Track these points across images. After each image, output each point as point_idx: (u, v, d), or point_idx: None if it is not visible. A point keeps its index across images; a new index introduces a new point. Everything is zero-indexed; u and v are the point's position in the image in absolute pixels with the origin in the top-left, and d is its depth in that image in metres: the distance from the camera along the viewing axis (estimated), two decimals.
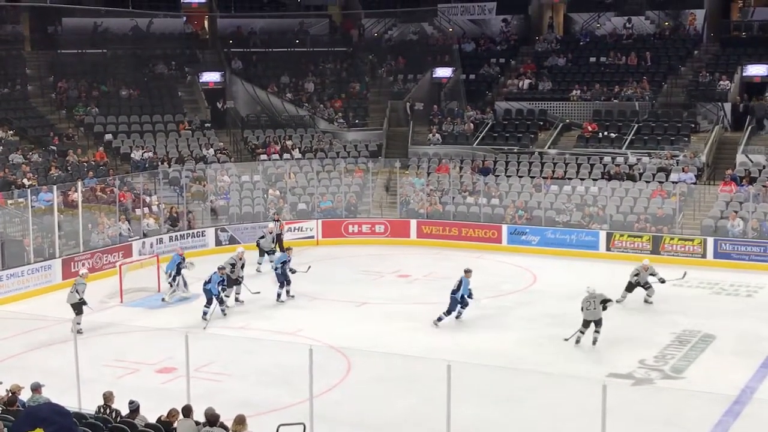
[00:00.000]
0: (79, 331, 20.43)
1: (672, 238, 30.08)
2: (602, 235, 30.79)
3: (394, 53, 44.47)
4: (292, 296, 25.07)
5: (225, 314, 23.28)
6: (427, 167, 36.55)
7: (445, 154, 37.37)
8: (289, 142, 38.34)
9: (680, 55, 40.15)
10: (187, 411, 13.91)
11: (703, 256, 29.41)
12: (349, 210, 34.59)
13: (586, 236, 30.99)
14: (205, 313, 22.90)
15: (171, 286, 25.35)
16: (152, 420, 14.06)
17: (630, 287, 24.31)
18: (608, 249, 30.57)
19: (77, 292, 21.65)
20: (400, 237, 33.19)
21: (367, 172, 36.17)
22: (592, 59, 41.17)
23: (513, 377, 17.16)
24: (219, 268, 23.52)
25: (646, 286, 24.52)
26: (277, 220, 31.05)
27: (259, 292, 24.90)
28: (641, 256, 29.58)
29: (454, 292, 22.56)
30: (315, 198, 34.69)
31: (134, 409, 14.60)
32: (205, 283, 23.24)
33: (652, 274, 24.47)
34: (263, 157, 37.11)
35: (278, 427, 11.85)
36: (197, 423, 13.37)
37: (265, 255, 28.70)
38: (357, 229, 33.64)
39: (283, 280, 24.85)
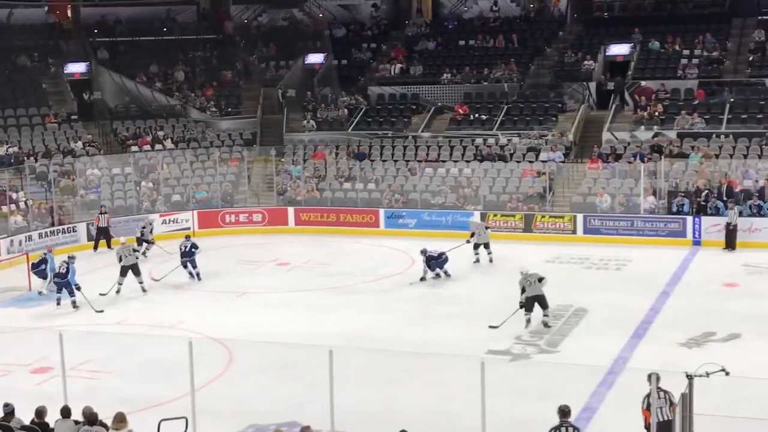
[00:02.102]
0: None
1: (543, 216, 30.73)
2: (477, 215, 31.23)
3: (265, 40, 44.19)
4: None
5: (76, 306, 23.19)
6: (303, 154, 36.52)
7: (321, 141, 37.38)
8: (160, 133, 37.81)
9: (545, 36, 40.97)
10: (65, 411, 13.66)
11: (574, 232, 30.14)
12: (225, 200, 34.36)
13: (461, 217, 31.39)
14: (73, 303, 23.00)
15: (44, 278, 24.81)
16: (28, 422, 13.78)
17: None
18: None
19: None
20: (278, 225, 33.09)
21: (243, 161, 36.00)
22: (461, 42, 41.66)
23: (394, 359, 17.29)
24: (69, 257, 23.70)
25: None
26: (104, 213, 30.96)
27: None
28: (515, 235, 30.29)
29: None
30: (189, 189, 34.31)
31: (9, 411, 14.26)
32: (62, 276, 23.11)
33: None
34: (134, 148, 36.52)
35: (159, 422, 11.72)
36: (76, 422, 13.15)
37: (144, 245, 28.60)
38: (234, 219, 33.42)
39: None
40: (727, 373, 12.55)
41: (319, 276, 25.83)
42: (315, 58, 42.49)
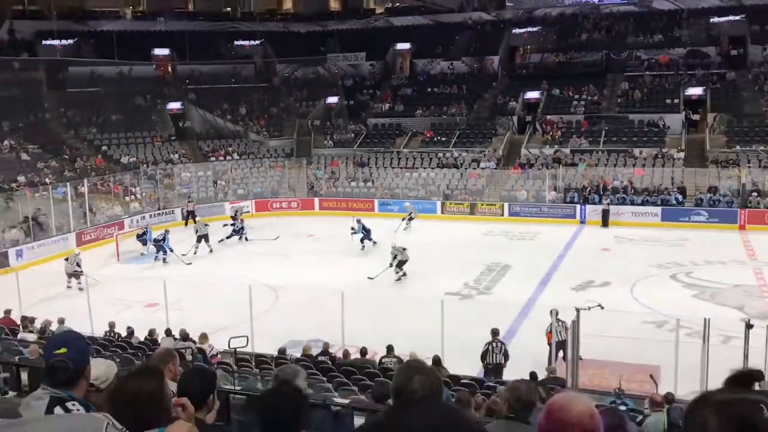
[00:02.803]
0: (80, 288, 19.69)
1: (482, 204, 30.79)
2: (438, 203, 31.31)
3: (299, 87, 44.06)
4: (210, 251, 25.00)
5: (166, 262, 23.41)
6: (324, 163, 36.44)
7: (336, 154, 37.26)
8: (229, 148, 37.68)
9: (484, 86, 40.84)
10: (168, 332, 13.74)
11: (502, 214, 30.21)
12: (273, 193, 34.30)
13: (428, 205, 31.46)
14: (164, 261, 23.33)
15: (146, 245, 24.84)
16: (143, 339, 13.83)
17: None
18: (442, 212, 31.14)
19: (73, 264, 20.69)
20: (308, 210, 33.07)
21: (284, 168, 35.95)
22: (429, 89, 41.52)
23: (384, 299, 17.37)
24: (166, 231, 24.14)
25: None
26: (191, 201, 30.92)
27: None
28: (464, 216, 30.29)
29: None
30: (249, 185, 34.29)
31: (130, 332, 14.33)
32: (156, 241, 23.50)
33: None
34: (212, 159, 36.42)
35: (229, 339, 11.77)
36: (175, 339, 13.21)
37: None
38: (279, 206, 33.41)
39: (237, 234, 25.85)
40: (602, 308, 12.61)
41: (336, 243, 25.88)
42: (332, 99, 42.31)
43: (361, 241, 24.84)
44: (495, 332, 13.00)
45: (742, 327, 10.79)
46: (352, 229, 25.23)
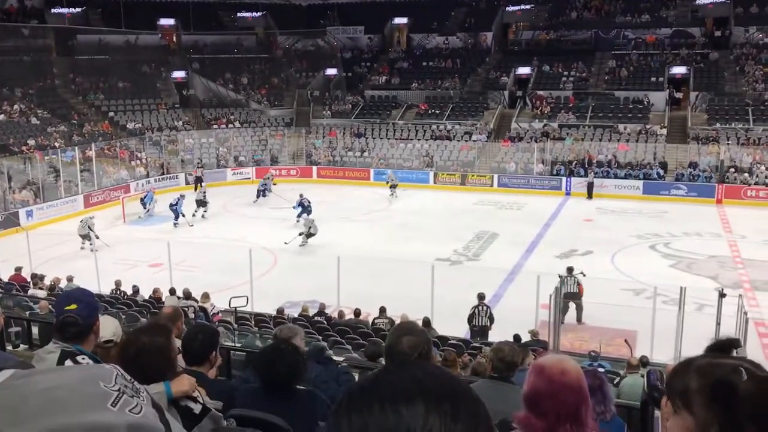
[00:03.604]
0: (92, 250, 19.68)
1: (473, 175, 30.78)
2: (431, 174, 31.27)
3: (299, 58, 43.65)
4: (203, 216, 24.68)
5: (177, 225, 23.27)
6: (322, 133, 36.26)
7: (334, 125, 37.04)
8: (231, 117, 37.41)
9: (478, 61, 40.53)
10: (172, 291, 13.78)
11: (492, 185, 30.23)
12: (273, 160, 34.16)
13: (422, 175, 31.44)
14: (175, 224, 23.18)
15: (146, 208, 24.81)
16: (148, 297, 13.87)
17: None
18: (435, 182, 31.12)
19: (86, 227, 20.58)
20: (306, 177, 33.00)
21: (284, 136, 35.79)
22: (425, 63, 41.16)
23: (378, 263, 17.44)
24: (180, 196, 23.90)
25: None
26: (201, 167, 30.87)
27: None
28: (455, 187, 30.28)
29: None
30: (249, 152, 34.15)
31: (136, 291, 14.37)
32: (171, 205, 23.28)
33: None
34: (215, 126, 36.18)
35: (230, 299, 11.84)
36: (178, 298, 13.26)
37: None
38: (278, 173, 33.25)
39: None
40: (585, 275, 12.70)
41: (332, 210, 25.85)
42: (331, 71, 41.92)
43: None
44: (481, 296, 13.11)
45: (715, 296, 10.89)
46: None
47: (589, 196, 27.99)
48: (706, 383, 1.21)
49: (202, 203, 24.54)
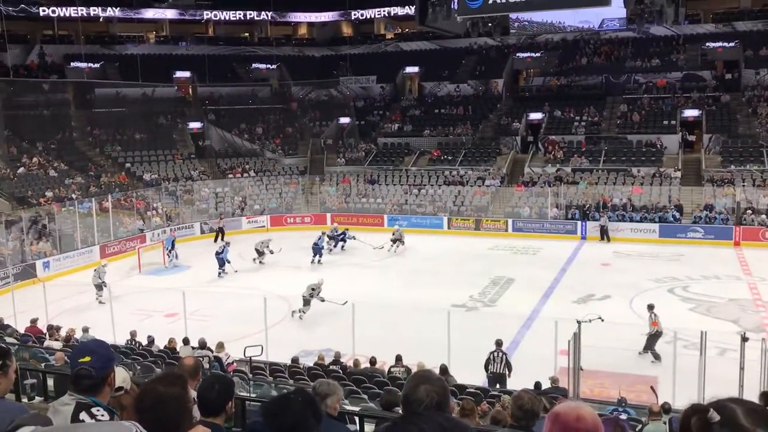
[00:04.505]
0: (100, 302, 19.72)
1: (487, 220, 30.74)
2: (445, 219, 31.29)
3: (313, 108, 44.27)
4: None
5: (222, 276, 23.19)
6: (336, 180, 36.52)
7: (348, 172, 37.34)
8: (246, 166, 37.82)
9: (489, 107, 40.87)
10: (186, 341, 13.74)
11: (506, 230, 30.14)
12: (287, 208, 34.39)
13: (435, 220, 31.47)
14: (219, 273, 23.13)
15: (169, 256, 25.07)
16: (162, 348, 13.82)
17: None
18: (449, 228, 31.10)
19: (99, 276, 20.74)
20: (320, 224, 33.07)
21: (298, 184, 36.06)
22: (436, 111, 41.59)
23: (393, 310, 17.35)
24: (227, 243, 24.04)
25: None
26: (222, 217, 31.22)
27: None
28: (469, 232, 30.21)
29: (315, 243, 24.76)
30: (265, 201, 34.40)
31: (151, 341, 14.33)
32: (218, 253, 23.40)
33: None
34: (230, 176, 36.56)
35: (245, 348, 11.76)
36: (193, 348, 13.21)
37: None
38: (293, 221, 33.47)
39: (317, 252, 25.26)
40: (602, 320, 12.54)
41: (346, 256, 25.84)
42: (344, 120, 42.42)
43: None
44: (498, 343, 12.95)
45: (737, 340, 10.69)
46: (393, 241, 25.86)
47: (602, 238, 27.85)
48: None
49: (261, 252, 24.68)
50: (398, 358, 12.83)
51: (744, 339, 10.43)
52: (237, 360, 12.81)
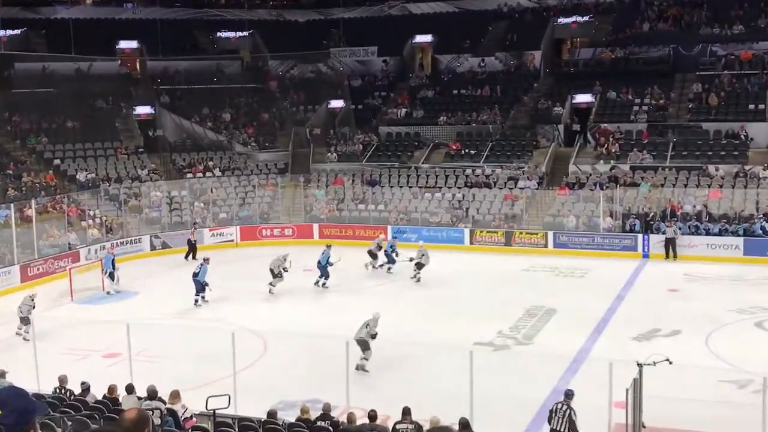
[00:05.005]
0: (24, 339, 19.65)
1: (521, 233, 30.72)
2: (467, 231, 31.29)
3: (296, 88, 44.40)
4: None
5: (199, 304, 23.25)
6: (326, 181, 36.56)
7: (340, 170, 37.38)
8: (210, 163, 37.85)
9: (523, 87, 41.00)
10: (130, 389, 13.71)
11: (545, 246, 30.13)
12: (262, 217, 34.44)
13: (454, 233, 31.46)
14: (196, 301, 23.10)
15: (110, 279, 25.09)
16: (101, 397, 13.81)
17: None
18: (471, 243, 31.08)
19: (21, 311, 20.58)
20: (305, 238, 33.09)
21: (277, 186, 36.08)
22: (455, 91, 41.71)
23: (399, 348, 17.30)
24: (204, 259, 23.89)
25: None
26: (196, 227, 31.47)
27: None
28: (498, 248, 30.25)
29: (319, 262, 24.58)
30: (234, 208, 34.44)
31: (85, 389, 14.32)
32: (195, 275, 23.33)
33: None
34: (189, 175, 36.58)
35: (207, 398, 11.72)
36: (139, 398, 13.18)
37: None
38: (269, 233, 33.48)
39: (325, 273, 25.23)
40: (671, 363, 12.51)
41: (339, 280, 25.81)
42: (336, 103, 42.62)
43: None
44: (567, 394, 12.84)
45: None
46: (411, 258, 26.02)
47: (668, 255, 27.88)
48: None
49: (277, 275, 24.51)
50: (406, 412, 12.78)
51: None
52: (197, 414, 12.78)
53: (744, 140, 33.40)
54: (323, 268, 24.81)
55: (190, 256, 29.59)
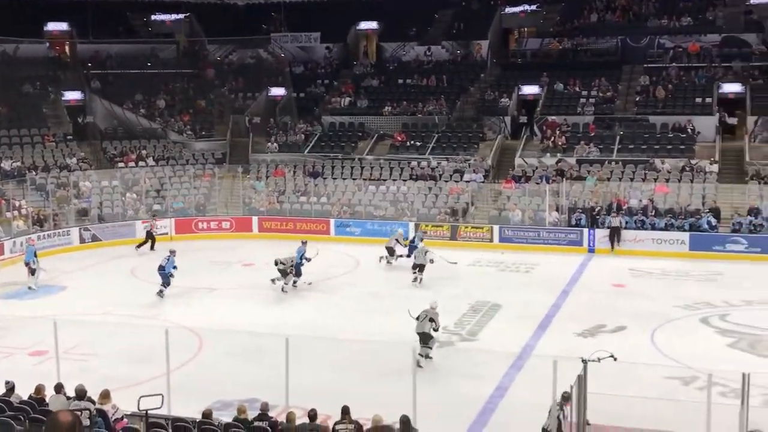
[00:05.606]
0: None
1: (466, 227, 30.93)
2: (411, 225, 31.37)
3: (235, 74, 44.06)
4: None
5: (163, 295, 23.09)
6: (266, 172, 36.37)
7: (281, 161, 37.22)
8: (143, 152, 37.44)
9: (470, 77, 41.24)
10: (58, 388, 13.49)
11: (491, 240, 30.35)
12: (198, 209, 34.12)
13: (399, 227, 31.52)
14: (160, 291, 23.01)
15: (33, 273, 24.59)
16: (26, 398, 13.56)
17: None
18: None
19: None
20: (244, 231, 32.90)
21: (214, 177, 35.84)
22: (400, 81, 41.78)
23: (341, 345, 17.31)
24: (171, 251, 23.71)
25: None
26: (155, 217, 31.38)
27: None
28: (443, 242, 30.37)
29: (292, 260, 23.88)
30: (168, 199, 34.06)
31: (10, 388, 14.02)
32: (161, 268, 23.14)
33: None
34: (121, 165, 36.10)
35: (139, 398, 11.58)
36: (68, 398, 12.98)
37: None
38: (206, 226, 33.19)
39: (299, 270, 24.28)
40: (615, 359, 12.72)
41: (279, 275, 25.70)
42: (277, 91, 42.35)
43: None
44: (565, 396, 12.90)
45: None
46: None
47: (613, 246, 28.55)
48: None
49: (285, 273, 23.88)
50: (345, 411, 12.79)
51: None
52: (128, 414, 12.63)
53: (691, 134, 34.10)
54: (298, 265, 24.32)
55: (148, 247, 29.54)
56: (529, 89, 38.89)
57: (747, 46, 38.49)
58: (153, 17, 44.58)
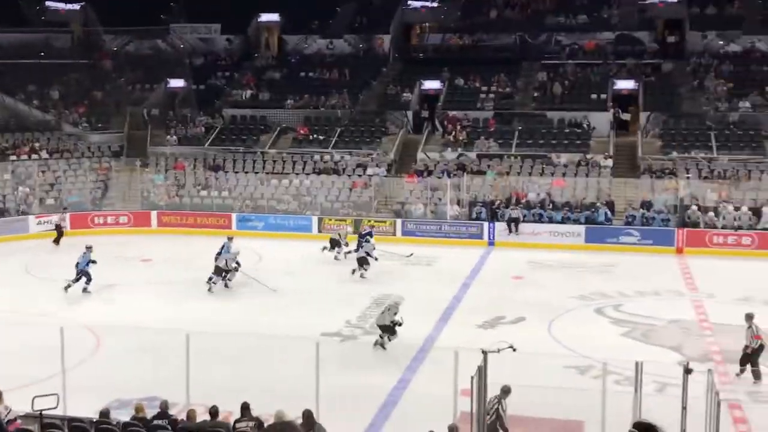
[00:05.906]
0: None
1: (369, 220, 30.99)
2: (314, 219, 31.31)
3: (132, 65, 43.10)
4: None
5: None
6: (165, 165, 35.71)
7: (181, 154, 36.57)
8: (36, 144, 36.31)
9: (372, 72, 41.35)
10: None
11: (394, 234, 30.52)
12: (94, 204, 33.33)
13: (301, 221, 31.42)
14: (85, 289, 22.62)
15: None
16: None
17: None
18: (320, 231, 31.09)
19: None
20: (142, 226, 32.24)
21: (110, 170, 35.08)
22: (302, 74, 41.58)
23: (242, 340, 17.14)
24: (87, 247, 23.20)
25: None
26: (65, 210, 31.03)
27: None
28: (348, 237, 30.33)
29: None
30: (63, 194, 33.19)
31: None
32: (78, 265, 22.73)
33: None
34: (13, 158, 34.94)
35: (33, 398, 11.24)
36: None
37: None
38: (102, 221, 32.39)
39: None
40: (515, 350, 12.96)
41: (179, 270, 25.30)
42: (176, 83, 41.57)
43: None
44: (505, 390, 12.95)
45: (679, 372, 11.33)
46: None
47: (510, 230, 29.17)
48: None
49: (222, 270, 23.25)
50: (245, 407, 12.67)
51: (687, 371, 11.03)
52: (22, 415, 12.24)
53: (586, 129, 35.03)
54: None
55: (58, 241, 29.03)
56: (431, 84, 39.19)
57: (640, 44, 39.78)
58: (47, 5, 43.39)
